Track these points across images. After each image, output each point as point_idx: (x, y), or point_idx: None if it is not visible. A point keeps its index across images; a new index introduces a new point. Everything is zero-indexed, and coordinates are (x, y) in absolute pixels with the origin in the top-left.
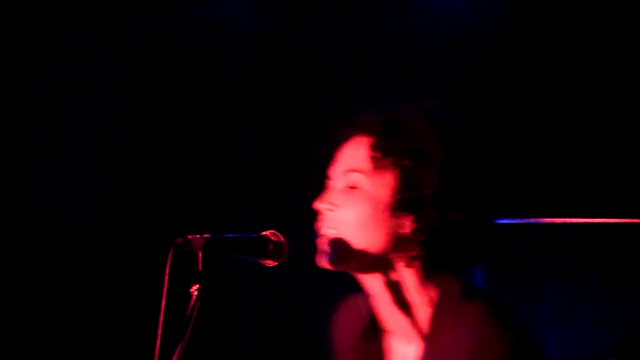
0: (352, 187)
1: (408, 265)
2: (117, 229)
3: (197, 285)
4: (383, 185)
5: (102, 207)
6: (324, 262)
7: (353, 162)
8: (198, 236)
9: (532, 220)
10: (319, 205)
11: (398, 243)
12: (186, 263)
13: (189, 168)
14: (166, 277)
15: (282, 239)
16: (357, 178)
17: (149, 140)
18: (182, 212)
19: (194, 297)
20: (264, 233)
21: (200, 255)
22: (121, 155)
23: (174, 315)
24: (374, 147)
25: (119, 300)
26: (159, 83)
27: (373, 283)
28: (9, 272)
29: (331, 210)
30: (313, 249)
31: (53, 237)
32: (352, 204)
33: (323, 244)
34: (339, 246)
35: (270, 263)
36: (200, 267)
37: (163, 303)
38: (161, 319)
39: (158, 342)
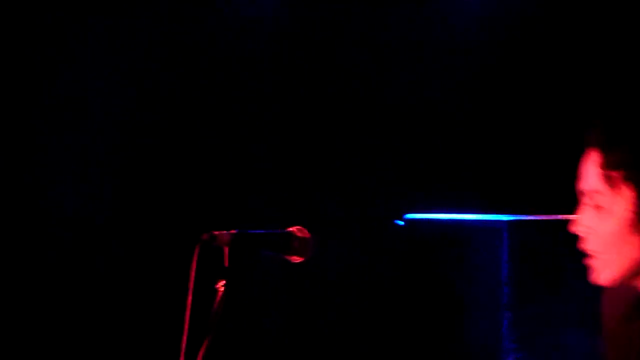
0: (598, 207)
1: None
2: (143, 226)
3: (224, 281)
4: (622, 201)
5: (128, 204)
6: (597, 281)
7: (591, 182)
8: (224, 232)
9: None
10: (575, 228)
11: None
12: (213, 259)
13: (216, 164)
14: (193, 273)
15: (308, 235)
16: (598, 198)
17: (176, 137)
18: (208, 209)
19: (220, 293)
20: (290, 229)
21: (226, 251)
22: (149, 153)
23: (200, 311)
24: (604, 165)
25: (146, 296)
26: (183, 79)
27: None
28: (35, 270)
29: (586, 233)
30: (343, 245)
31: (81, 235)
32: (601, 225)
33: (590, 265)
34: (604, 265)
35: (296, 259)
36: (226, 262)
37: (189, 299)
38: (188, 315)
39: (184, 337)
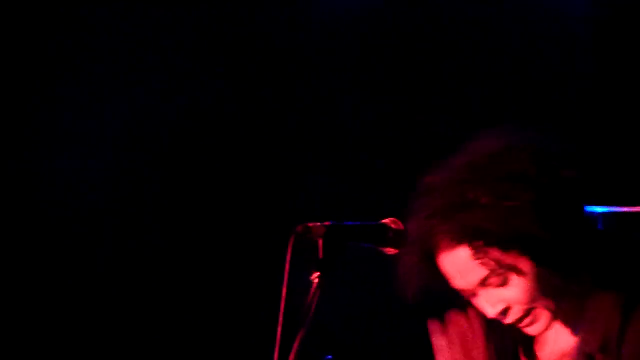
0: (497, 286)
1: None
2: (239, 219)
3: (318, 273)
4: (516, 265)
5: (224, 196)
6: (540, 333)
7: (474, 277)
8: (319, 224)
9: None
10: (493, 314)
11: None
12: (307, 251)
13: (311, 157)
14: (287, 265)
15: (403, 227)
16: (492, 281)
17: (272, 130)
18: (303, 200)
19: (315, 285)
20: (384, 221)
21: (321, 243)
22: (247, 145)
23: (294, 303)
24: (476, 254)
25: (241, 288)
26: (274, 68)
27: None
28: (119, 264)
29: (504, 311)
30: None
31: (177, 227)
32: (512, 295)
33: (526, 329)
34: (536, 320)
35: (390, 251)
36: (321, 254)
37: (284, 291)
38: (282, 307)
39: (279, 330)
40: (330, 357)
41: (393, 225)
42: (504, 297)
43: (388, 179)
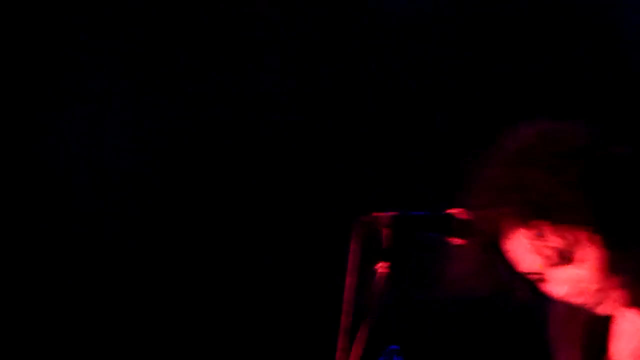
0: (564, 264)
1: None
2: (303, 208)
3: (384, 263)
4: (583, 243)
5: (285, 190)
6: (605, 314)
7: (537, 259)
8: (384, 213)
9: None
10: (561, 293)
11: None
12: (372, 240)
13: (377, 147)
14: (352, 255)
15: (469, 217)
16: (561, 258)
17: (338, 122)
18: (366, 190)
19: (380, 275)
20: (450, 211)
21: (386, 232)
22: (313, 137)
23: (359, 293)
24: (538, 235)
25: (306, 277)
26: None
27: None
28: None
29: (574, 290)
30: None
31: (247, 222)
32: (580, 275)
33: (593, 309)
34: (602, 301)
35: (456, 241)
36: (386, 244)
37: (349, 281)
38: (347, 297)
39: (344, 319)
40: (396, 347)
41: (459, 216)
42: (572, 275)
43: (455, 169)
